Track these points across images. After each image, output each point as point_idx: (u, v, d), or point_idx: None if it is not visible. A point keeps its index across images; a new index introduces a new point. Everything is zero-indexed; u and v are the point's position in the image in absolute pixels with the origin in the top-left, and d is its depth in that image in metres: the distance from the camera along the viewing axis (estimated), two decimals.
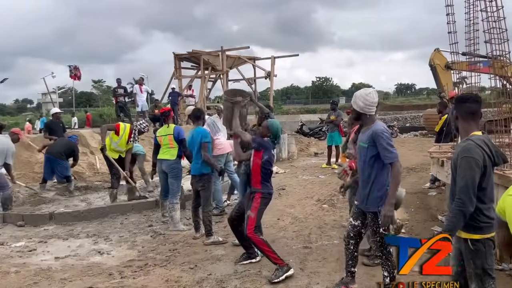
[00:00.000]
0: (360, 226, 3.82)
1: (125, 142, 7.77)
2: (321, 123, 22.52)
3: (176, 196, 6.36)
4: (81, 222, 6.79)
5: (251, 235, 4.42)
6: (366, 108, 3.65)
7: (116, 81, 15.85)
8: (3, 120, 38.26)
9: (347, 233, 3.89)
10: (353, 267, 3.90)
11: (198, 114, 5.90)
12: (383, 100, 65.05)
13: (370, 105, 3.64)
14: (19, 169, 10.25)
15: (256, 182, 4.55)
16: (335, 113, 12.40)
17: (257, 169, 4.52)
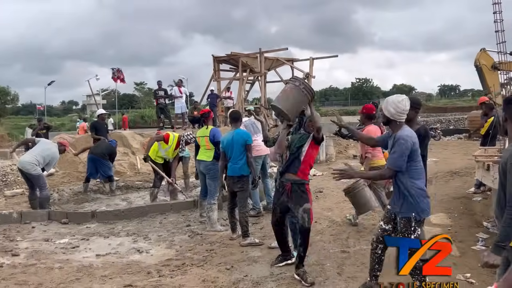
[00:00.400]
0: (390, 230, 3.73)
1: (172, 151, 8.00)
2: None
3: (214, 196, 6.40)
4: (121, 220, 6.96)
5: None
6: (396, 115, 3.60)
7: (157, 83, 16.18)
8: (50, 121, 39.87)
9: (376, 236, 3.80)
10: (379, 271, 3.83)
11: (236, 116, 5.91)
12: (426, 101, 63.33)
13: (401, 112, 3.60)
14: (64, 168, 10.65)
15: (305, 174, 4.50)
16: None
17: (310, 161, 4.50)
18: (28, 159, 7.49)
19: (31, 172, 7.35)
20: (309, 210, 4.41)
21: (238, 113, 6.07)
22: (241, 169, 5.64)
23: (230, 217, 5.90)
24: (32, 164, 7.36)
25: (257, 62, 20.94)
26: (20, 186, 9.58)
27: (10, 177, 9.91)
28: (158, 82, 16.19)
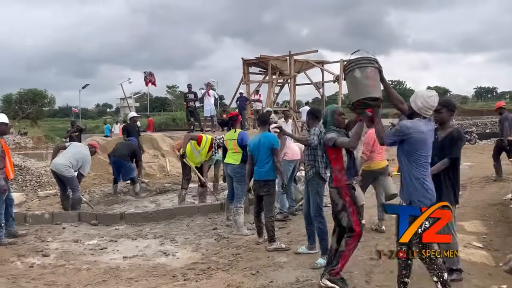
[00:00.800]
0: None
1: (205, 153, 8.05)
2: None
3: (241, 200, 6.36)
4: (149, 222, 7.01)
5: None
6: (423, 109, 3.49)
7: (187, 86, 16.30)
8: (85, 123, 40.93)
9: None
10: (407, 277, 3.64)
11: (265, 119, 5.86)
12: (461, 104, 61.67)
13: (428, 108, 3.49)
14: (95, 170, 10.83)
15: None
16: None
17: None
18: (62, 161, 7.66)
19: (65, 174, 7.51)
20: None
21: (267, 116, 6.02)
22: (267, 173, 5.57)
23: (256, 221, 5.84)
24: (66, 166, 7.52)
25: (286, 65, 20.86)
26: (53, 187, 9.80)
27: (44, 178, 10.17)
28: (188, 85, 16.32)
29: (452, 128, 4.26)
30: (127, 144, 9.81)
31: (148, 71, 26.22)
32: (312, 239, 5.21)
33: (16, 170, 10.14)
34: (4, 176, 6.00)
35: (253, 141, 5.75)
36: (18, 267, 5.10)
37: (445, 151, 4.13)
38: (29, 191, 9.58)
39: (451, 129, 4.23)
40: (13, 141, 29.20)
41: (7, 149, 6.17)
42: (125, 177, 9.24)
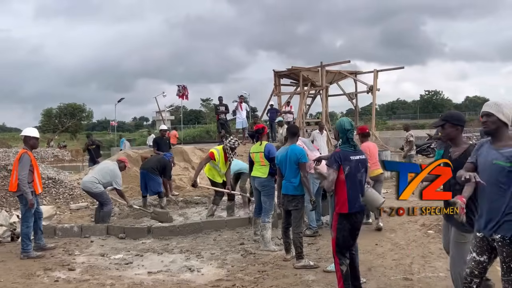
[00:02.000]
0: (486, 262, 3.15)
1: (224, 164, 7.94)
2: (429, 139, 21.02)
3: (268, 214, 6.18)
4: (176, 236, 6.92)
5: None
6: None
7: (218, 99, 16.38)
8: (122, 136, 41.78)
9: (470, 270, 3.21)
10: None
11: (294, 131, 5.67)
12: None
13: None
14: (126, 182, 10.89)
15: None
16: None
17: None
18: (88, 178, 7.79)
19: (92, 190, 7.58)
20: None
21: (296, 128, 5.84)
22: (295, 188, 5.36)
23: (284, 236, 5.63)
24: (92, 182, 7.59)
25: (318, 76, 20.57)
26: (85, 199, 9.93)
27: (77, 190, 10.30)
28: (219, 98, 16.39)
29: (468, 145, 3.73)
30: (158, 158, 9.73)
31: (182, 85, 26.65)
32: None
33: (50, 183, 10.37)
34: (32, 189, 6.06)
35: (280, 154, 5.57)
36: (44, 281, 5.09)
37: None
38: (62, 204, 9.72)
39: (466, 145, 3.70)
40: (52, 154, 30.19)
41: (35, 163, 6.26)
42: (152, 191, 9.17)
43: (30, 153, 6.13)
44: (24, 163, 6.00)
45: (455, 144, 3.68)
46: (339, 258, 4.12)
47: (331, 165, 4.11)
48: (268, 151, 6.25)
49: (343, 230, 4.11)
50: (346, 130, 4.24)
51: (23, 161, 6.01)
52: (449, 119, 3.69)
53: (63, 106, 55.72)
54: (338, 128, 4.37)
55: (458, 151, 3.64)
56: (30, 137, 6.26)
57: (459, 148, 3.65)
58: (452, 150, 3.69)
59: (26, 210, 6.01)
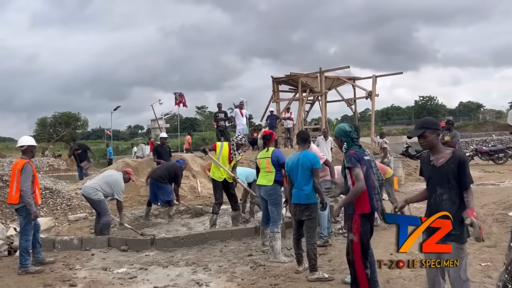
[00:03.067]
0: None
1: (227, 159, 7.60)
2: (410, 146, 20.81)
3: (277, 224, 5.94)
4: (181, 248, 6.65)
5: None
6: None
7: (217, 106, 16.15)
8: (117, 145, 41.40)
9: (503, 283, 3.02)
10: None
11: (305, 137, 5.44)
12: (496, 119, 59.86)
13: None
14: (126, 192, 10.55)
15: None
16: (451, 133, 11.19)
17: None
18: (90, 184, 7.47)
19: (92, 196, 7.28)
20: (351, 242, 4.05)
21: (306, 134, 5.61)
22: (308, 196, 5.12)
23: (296, 248, 5.37)
24: (94, 189, 7.30)
25: (317, 82, 20.49)
26: (84, 210, 9.64)
27: (75, 201, 10.02)
28: (218, 105, 16.16)
29: (451, 151, 3.51)
30: (167, 166, 9.39)
31: (179, 92, 26.44)
32: None
33: (47, 193, 10.07)
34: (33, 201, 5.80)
35: (291, 161, 5.34)
36: None
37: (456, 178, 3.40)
38: (60, 215, 9.43)
39: (450, 151, 3.49)
40: (47, 163, 29.79)
41: (36, 174, 6.00)
42: (162, 200, 8.85)
43: (32, 164, 5.88)
44: (27, 174, 5.75)
45: (436, 151, 3.49)
46: (364, 263, 3.98)
47: (355, 165, 4.01)
48: (276, 157, 6.01)
49: (367, 231, 4.06)
50: (348, 132, 4.25)
51: (26, 171, 5.75)
52: (428, 125, 3.49)
53: (58, 115, 55.27)
54: (339, 134, 4.30)
55: (442, 158, 3.45)
56: (33, 146, 6.05)
57: (442, 154, 3.46)
58: (434, 158, 3.50)
59: (26, 222, 5.73)
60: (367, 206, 4.02)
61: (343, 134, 4.25)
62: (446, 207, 3.36)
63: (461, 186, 3.38)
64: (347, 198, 4.13)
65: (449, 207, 3.36)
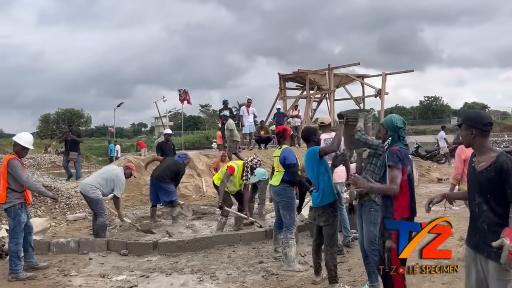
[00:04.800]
0: None
1: (239, 182, 7.33)
2: (438, 145, 20.27)
3: (291, 230, 5.42)
4: (185, 253, 6.16)
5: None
6: None
7: (223, 102, 15.62)
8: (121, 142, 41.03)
9: None
10: None
11: (306, 136, 4.92)
12: (502, 120, 59.29)
13: None
14: (127, 191, 10.12)
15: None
16: None
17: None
18: (88, 181, 6.99)
19: (89, 194, 6.80)
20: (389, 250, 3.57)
21: (311, 131, 5.03)
22: (321, 197, 4.58)
23: (314, 256, 4.82)
24: (92, 186, 6.82)
25: (325, 79, 19.90)
26: (83, 209, 9.16)
27: (74, 200, 9.53)
28: (224, 102, 15.64)
29: (497, 154, 2.84)
30: (168, 163, 8.76)
31: (183, 89, 25.93)
32: (374, 276, 4.29)
33: None
34: (21, 201, 5.30)
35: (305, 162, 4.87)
36: None
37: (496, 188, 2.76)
38: (58, 214, 8.94)
39: (495, 154, 2.84)
40: (49, 160, 29.32)
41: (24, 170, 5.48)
42: (164, 200, 8.31)
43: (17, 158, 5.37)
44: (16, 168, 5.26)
45: (478, 151, 2.90)
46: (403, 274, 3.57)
47: (396, 164, 3.51)
48: (283, 157, 5.47)
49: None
50: (398, 128, 3.74)
51: (14, 166, 5.25)
52: (467, 120, 2.94)
53: (61, 111, 54.95)
54: (387, 125, 3.80)
55: (483, 162, 2.84)
56: (21, 147, 5.44)
57: (484, 157, 2.84)
58: (476, 160, 2.92)
59: (15, 224, 5.24)
60: (407, 210, 3.58)
61: (392, 128, 3.75)
62: (486, 220, 2.78)
63: (504, 198, 2.73)
64: (377, 187, 3.68)
65: (489, 220, 2.77)
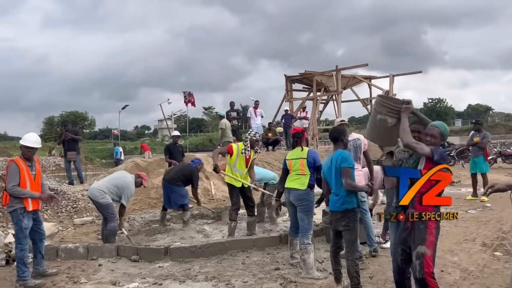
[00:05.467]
0: None
1: (244, 163, 6.90)
2: (449, 147, 20.00)
3: (308, 235, 5.20)
4: (198, 259, 5.96)
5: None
6: None
7: (230, 104, 15.42)
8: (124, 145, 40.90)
9: None
10: None
11: (336, 135, 4.71)
12: (506, 122, 58.99)
13: None
14: (135, 194, 9.91)
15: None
16: (480, 134, 10.48)
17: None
18: (98, 185, 6.78)
19: (99, 200, 6.60)
20: (423, 255, 3.40)
21: (340, 131, 4.80)
22: (344, 201, 4.37)
23: (334, 263, 4.62)
24: (101, 191, 6.62)
25: (332, 81, 19.70)
26: (91, 213, 8.97)
27: (81, 203, 9.35)
28: (231, 103, 15.43)
29: None
30: (181, 167, 8.61)
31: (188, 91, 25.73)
32: None
33: None
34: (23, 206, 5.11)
35: (325, 163, 4.66)
36: None
37: None
38: (65, 218, 8.75)
39: None
40: (54, 162, 29.23)
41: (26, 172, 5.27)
42: (176, 204, 8.07)
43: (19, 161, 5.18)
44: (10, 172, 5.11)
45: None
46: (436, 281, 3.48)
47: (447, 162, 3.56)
48: (313, 158, 5.31)
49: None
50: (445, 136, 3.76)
51: (9, 170, 5.13)
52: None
53: (65, 114, 54.91)
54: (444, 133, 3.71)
55: None
56: (26, 147, 5.29)
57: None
58: None
59: (18, 230, 5.05)
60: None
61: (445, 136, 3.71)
62: None
63: None
64: None
65: None
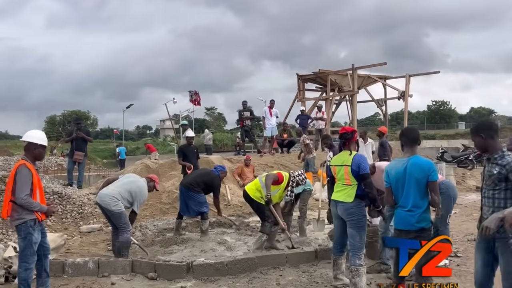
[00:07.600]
0: None
1: (280, 194, 6.42)
2: (465, 150, 19.23)
3: (360, 254, 4.43)
4: (225, 277, 5.19)
5: None
6: None
7: (242, 103, 14.55)
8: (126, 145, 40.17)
9: None
10: None
11: (413, 137, 3.97)
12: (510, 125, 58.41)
13: None
14: None
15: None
16: None
17: None
18: (109, 191, 5.99)
19: (111, 207, 5.84)
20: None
21: (417, 132, 4.11)
22: (419, 219, 3.67)
23: None
24: (113, 198, 5.86)
25: (346, 80, 18.98)
26: (98, 219, 8.22)
27: (87, 208, 8.60)
28: (243, 102, 14.57)
29: None
30: (201, 172, 7.91)
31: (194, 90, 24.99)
32: None
33: (55, 198, 8.66)
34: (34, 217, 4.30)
35: (395, 169, 3.90)
36: None
37: None
38: (70, 224, 8.01)
39: None
40: (56, 162, 28.48)
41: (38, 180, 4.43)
42: (194, 211, 7.32)
43: (31, 166, 4.36)
44: (22, 179, 4.20)
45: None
46: None
47: None
48: (357, 165, 4.46)
49: None
50: None
51: (21, 175, 4.21)
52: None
53: (67, 113, 54.22)
54: None
55: None
56: (36, 145, 4.44)
57: None
58: None
59: (26, 246, 4.24)
60: None
61: None
62: None
63: None
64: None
65: None
